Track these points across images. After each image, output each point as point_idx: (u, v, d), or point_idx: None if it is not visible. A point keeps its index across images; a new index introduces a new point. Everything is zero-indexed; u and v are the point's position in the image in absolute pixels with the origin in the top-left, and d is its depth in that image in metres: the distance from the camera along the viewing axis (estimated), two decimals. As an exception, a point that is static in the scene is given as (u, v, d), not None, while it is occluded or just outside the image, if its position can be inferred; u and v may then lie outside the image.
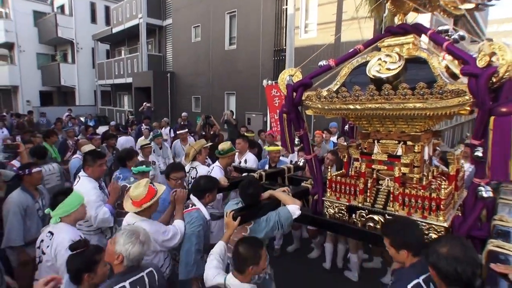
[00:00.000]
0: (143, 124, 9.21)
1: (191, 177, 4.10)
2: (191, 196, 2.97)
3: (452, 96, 1.87)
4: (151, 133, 6.97)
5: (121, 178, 3.84)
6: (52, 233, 2.44)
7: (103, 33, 21.42)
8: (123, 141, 6.96)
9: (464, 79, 1.88)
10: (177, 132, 7.07)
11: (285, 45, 9.58)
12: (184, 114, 10.94)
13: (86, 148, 4.84)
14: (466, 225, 2.04)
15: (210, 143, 4.92)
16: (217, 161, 4.12)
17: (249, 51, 12.42)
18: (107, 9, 23.57)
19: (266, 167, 4.84)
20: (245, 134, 6.90)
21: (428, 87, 1.95)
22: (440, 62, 2.14)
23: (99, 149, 5.36)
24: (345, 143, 2.86)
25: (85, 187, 3.18)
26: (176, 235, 2.66)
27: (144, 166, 3.59)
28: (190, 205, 2.92)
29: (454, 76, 2.14)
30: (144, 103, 13.37)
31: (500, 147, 1.68)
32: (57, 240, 2.37)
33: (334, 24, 9.15)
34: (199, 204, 2.89)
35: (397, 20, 2.51)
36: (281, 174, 3.84)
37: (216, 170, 3.92)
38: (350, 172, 2.78)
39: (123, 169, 4.06)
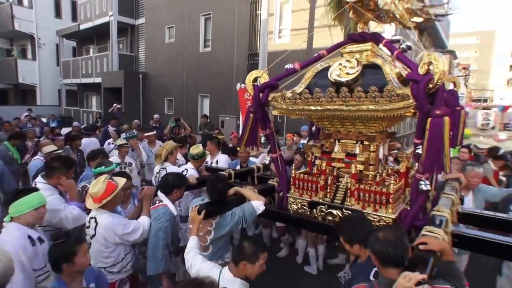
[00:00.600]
0: (109, 126, 8.99)
1: (160, 177, 4.14)
2: (159, 193, 3.03)
3: (399, 100, 2.08)
4: (127, 133, 6.87)
5: (81, 179, 3.79)
6: None
7: (69, 29, 20.44)
8: (86, 143, 6.68)
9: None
10: (145, 134, 7.01)
11: (259, 49, 9.77)
12: (156, 116, 10.83)
13: (48, 149, 4.73)
14: (410, 216, 2.26)
15: (180, 144, 4.98)
16: (189, 163, 4.20)
17: (223, 54, 12.52)
18: (73, 4, 22.33)
19: (238, 167, 4.96)
20: (214, 136, 6.97)
21: (380, 91, 2.15)
22: (392, 68, 2.36)
23: (61, 150, 5.25)
24: (311, 143, 3.04)
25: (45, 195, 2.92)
26: (137, 229, 2.71)
27: (103, 166, 3.50)
28: (157, 202, 2.99)
29: (406, 82, 2.36)
30: (114, 104, 13.07)
31: (434, 145, 1.91)
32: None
33: (307, 30, 9.47)
34: (166, 201, 2.96)
35: (358, 29, 2.73)
36: (251, 174, 3.98)
37: (191, 172, 3.98)
38: (313, 170, 2.95)
39: (88, 168, 4.04)
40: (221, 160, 5.06)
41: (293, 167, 3.99)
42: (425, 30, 16.40)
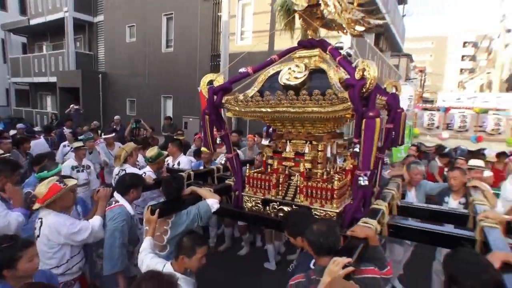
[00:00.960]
0: (64, 128, 8.61)
1: (119, 177, 4.10)
2: (115, 194, 3.02)
3: (339, 102, 2.26)
4: (83, 135, 6.61)
5: (23, 186, 3.64)
6: None
7: (17, 24, 19.01)
8: (33, 145, 6.30)
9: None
10: (103, 137, 6.81)
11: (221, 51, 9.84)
12: (116, 117, 10.50)
13: None
14: (351, 209, 2.47)
15: (141, 145, 4.93)
16: (147, 167, 4.18)
17: (186, 55, 12.45)
18: (21, -5, 20.61)
19: (201, 168, 5.01)
20: (175, 137, 6.95)
21: (322, 94, 2.32)
22: (335, 73, 2.54)
23: (9, 154, 4.99)
24: (265, 144, 3.18)
25: None
26: (86, 229, 2.67)
27: (45, 171, 3.36)
28: (114, 202, 2.98)
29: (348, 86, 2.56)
30: (71, 105, 12.51)
31: (367, 144, 2.11)
32: None
33: (268, 32, 9.68)
34: (122, 201, 2.96)
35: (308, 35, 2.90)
36: (211, 174, 4.06)
37: (149, 175, 3.94)
38: (267, 169, 3.09)
39: (33, 173, 3.87)
40: (183, 162, 5.09)
41: (252, 167, 4.12)
42: (382, 35, 17.30)
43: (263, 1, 10.00)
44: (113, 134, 6.95)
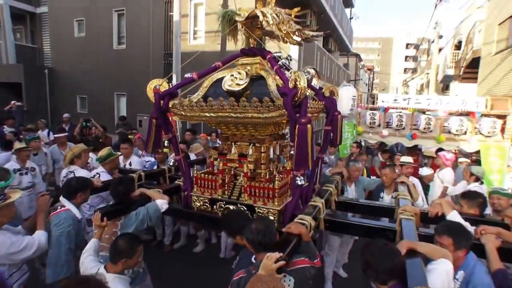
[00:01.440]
0: (5, 126, 8.05)
1: (65, 180, 4.01)
2: (61, 198, 2.98)
3: (275, 109, 2.46)
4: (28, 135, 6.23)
5: None
6: None
7: None
8: None
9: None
10: (55, 136, 6.47)
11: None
12: (66, 115, 9.95)
13: None
14: (291, 206, 2.70)
15: (92, 147, 4.82)
16: (100, 167, 4.11)
17: (139, 52, 12.19)
18: None
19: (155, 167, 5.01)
20: (129, 136, 6.83)
21: (260, 101, 2.51)
22: (273, 81, 2.74)
23: None
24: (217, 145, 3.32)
25: None
26: (31, 246, 2.56)
27: (2, 181, 3.18)
28: (59, 207, 2.94)
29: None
30: (13, 102, 11.60)
31: (301, 147, 2.33)
32: None
33: (220, 33, 9.73)
34: (69, 205, 2.93)
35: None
36: (162, 174, 4.12)
37: (104, 176, 3.90)
38: (215, 170, 3.23)
39: None
40: (134, 162, 5.07)
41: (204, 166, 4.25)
42: (331, 36, 18.11)
43: (215, 2, 10.05)
44: (65, 134, 6.62)
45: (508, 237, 2.38)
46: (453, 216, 2.64)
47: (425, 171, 5.43)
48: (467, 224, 2.51)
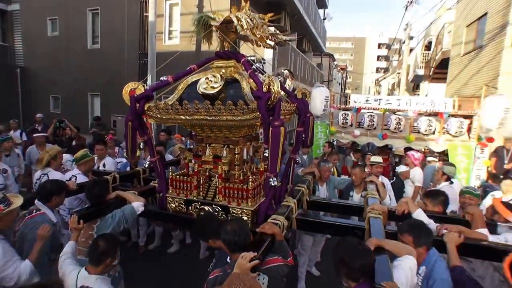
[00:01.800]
0: None
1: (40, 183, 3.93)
2: (36, 202, 2.95)
3: (249, 112, 2.54)
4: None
5: None
6: None
7: None
8: None
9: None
10: (34, 136, 6.27)
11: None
12: (39, 115, 9.60)
13: None
14: (264, 207, 2.78)
15: (65, 149, 4.74)
16: (75, 169, 4.07)
17: (114, 52, 12.03)
18: None
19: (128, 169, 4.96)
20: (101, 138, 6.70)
21: (235, 104, 2.58)
22: (247, 84, 2.81)
23: None
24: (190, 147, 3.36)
25: None
26: (6, 277, 2.39)
27: None
28: (34, 211, 2.90)
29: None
30: None
31: (274, 150, 2.42)
32: None
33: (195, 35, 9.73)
34: (44, 208, 2.91)
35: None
36: (137, 176, 4.10)
37: (80, 178, 3.88)
38: (190, 171, 3.27)
39: None
40: (109, 163, 5.02)
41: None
42: (304, 37, 18.41)
43: (190, 3, 10.05)
44: (44, 134, 6.49)
45: (468, 234, 2.54)
46: (418, 214, 2.79)
47: (401, 168, 5.60)
48: (431, 222, 2.69)
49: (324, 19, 23.98)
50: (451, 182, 4.54)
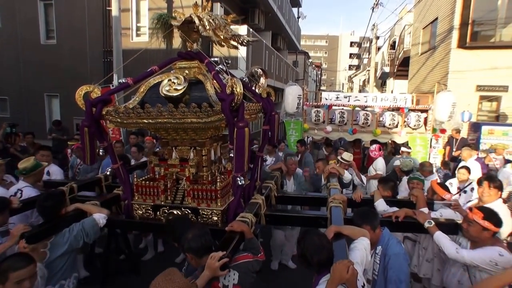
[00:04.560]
0: None
1: None
2: None
3: (214, 114, 2.51)
4: None
5: None
6: None
7: None
8: None
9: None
10: None
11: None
12: None
13: None
14: (233, 206, 2.77)
15: (9, 159, 4.34)
16: (20, 182, 3.62)
17: (74, 49, 11.20)
18: None
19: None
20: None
21: (199, 106, 2.52)
22: (212, 86, 2.76)
23: None
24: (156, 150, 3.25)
25: None
26: None
27: None
28: None
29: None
30: None
31: (239, 150, 2.40)
32: None
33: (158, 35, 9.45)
34: None
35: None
36: (98, 184, 3.89)
37: (28, 191, 3.44)
38: (156, 176, 3.17)
39: None
40: (54, 172, 4.52)
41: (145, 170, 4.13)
42: (279, 35, 18.52)
43: (159, -3, 9.75)
44: None
45: (411, 214, 2.86)
46: (379, 203, 3.19)
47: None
48: (388, 208, 3.09)
49: (298, 17, 24.20)
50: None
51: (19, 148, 6.85)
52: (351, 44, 62.49)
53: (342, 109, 7.29)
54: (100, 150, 2.87)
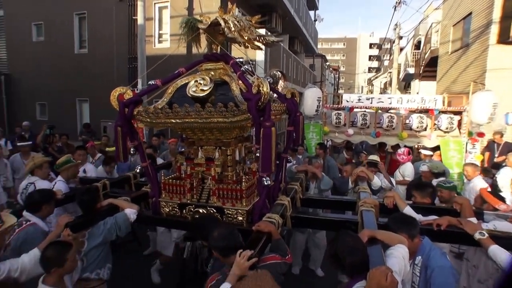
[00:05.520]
0: None
1: (28, 193, 3.84)
2: (24, 213, 2.89)
3: (240, 113, 2.54)
4: None
5: None
6: None
7: None
8: None
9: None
10: (19, 144, 6.16)
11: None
12: (25, 123, 9.53)
13: None
14: (258, 206, 2.79)
15: (51, 158, 4.64)
16: (59, 176, 3.98)
17: (102, 57, 11.88)
18: None
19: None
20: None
21: (225, 106, 2.58)
22: (237, 86, 2.82)
23: None
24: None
25: None
26: (10, 272, 2.29)
27: None
28: (24, 222, 2.85)
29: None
30: None
31: (266, 150, 2.43)
32: None
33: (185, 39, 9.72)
34: (34, 219, 2.85)
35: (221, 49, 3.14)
36: (128, 182, 4.06)
37: (59, 185, 3.79)
38: (182, 175, 3.25)
39: None
40: (89, 170, 4.93)
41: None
42: (296, 38, 18.50)
43: (179, 5, 10.02)
44: (29, 142, 6.39)
45: (456, 223, 2.56)
46: (407, 211, 2.84)
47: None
48: (420, 217, 2.74)
49: (315, 20, 24.14)
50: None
51: (56, 148, 7.45)
52: (371, 45, 61.31)
53: (365, 111, 7.01)
54: (131, 149, 2.99)
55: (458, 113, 6.49)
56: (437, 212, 2.91)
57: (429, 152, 6.13)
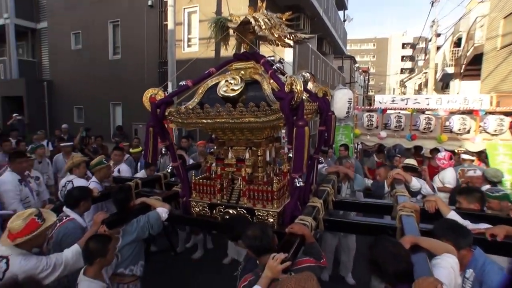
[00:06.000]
0: (10, 138, 8.16)
1: (67, 190, 4.00)
2: (64, 209, 2.99)
3: (272, 113, 2.48)
4: (31, 144, 6.37)
5: None
6: None
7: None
8: None
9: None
10: (61, 145, 6.53)
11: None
12: (64, 126, 10.10)
13: None
14: (290, 208, 2.71)
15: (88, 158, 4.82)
16: (93, 176, 4.11)
17: (134, 62, 12.29)
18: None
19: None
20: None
21: (257, 106, 2.53)
22: (268, 85, 2.76)
23: None
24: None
25: None
26: (59, 267, 2.38)
27: None
28: (64, 217, 2.95)
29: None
30: (14, 115, 11.77)
31: (299, 150, 2.34)
32: None
33: (214, 40, 9.83)
34: (73, 214, 2.94)
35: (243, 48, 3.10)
36: (158, 181, 4.12)
37: (92, 185, 3.86)
38: (212, 175, 3.24)
39: None
40: (123, 170, 5.09)
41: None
42: (325, 39, 18.20)
43: (208, 9, 10.17)
44: (71, 143, 6.78)
45: None
46: (452, 216, 2.59)
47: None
48: (467, 223, 2.48)
49: (344, 20, 23.63)
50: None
51: (91, 149, 7.84)
52: (403, 45, 58.97)
53: (399, 113, 6.64)
54: (162, 149, 3.01)
55: (510, 113, 5.87)
56: (488, 220, 2.62)
57: (469, 157, 5.57)
